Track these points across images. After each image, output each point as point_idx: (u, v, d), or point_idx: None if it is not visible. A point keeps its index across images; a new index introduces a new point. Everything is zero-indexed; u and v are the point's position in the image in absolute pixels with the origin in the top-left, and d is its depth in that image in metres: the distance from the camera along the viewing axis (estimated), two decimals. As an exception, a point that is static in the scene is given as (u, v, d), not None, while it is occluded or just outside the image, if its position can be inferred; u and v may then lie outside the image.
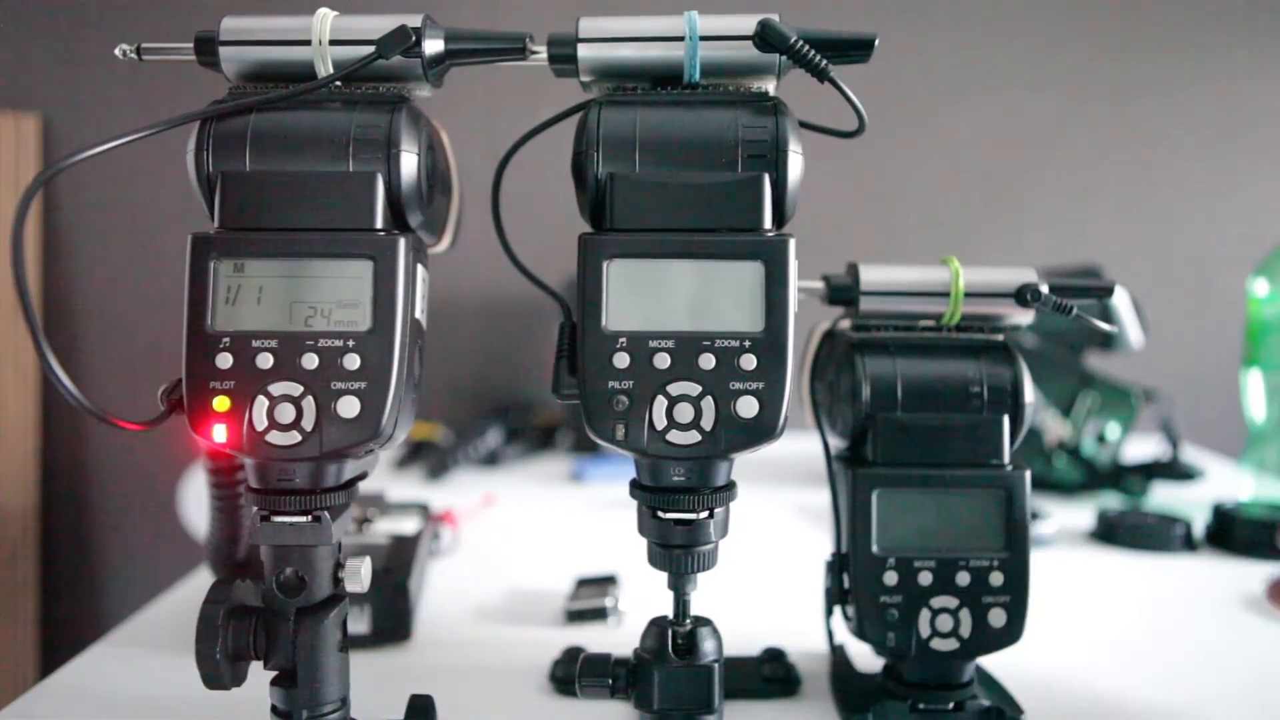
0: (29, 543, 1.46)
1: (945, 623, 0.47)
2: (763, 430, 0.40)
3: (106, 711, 0.51)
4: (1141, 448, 1.11)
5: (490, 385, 1.48)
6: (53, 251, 1.47)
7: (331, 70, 0.42)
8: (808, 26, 0.42)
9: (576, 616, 0.65)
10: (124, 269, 1.48)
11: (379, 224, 0.41)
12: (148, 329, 1.47)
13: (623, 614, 0.66)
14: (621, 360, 0.40)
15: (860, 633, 0.48)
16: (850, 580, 0.48)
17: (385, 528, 0.73)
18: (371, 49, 0.41)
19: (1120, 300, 0.96)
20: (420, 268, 0.43)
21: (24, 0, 1.45)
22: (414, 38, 0.41)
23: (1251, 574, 0.76)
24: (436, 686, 0.49)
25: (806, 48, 0.41)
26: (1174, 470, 1.00)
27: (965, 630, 0.47)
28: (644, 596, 0.68)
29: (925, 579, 0.47)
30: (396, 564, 0.64)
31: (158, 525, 1.48)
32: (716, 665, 0.44)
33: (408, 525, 0.75)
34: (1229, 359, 1.06)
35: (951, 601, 0.47)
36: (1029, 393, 0.49)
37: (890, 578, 0.47)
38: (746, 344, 0.40)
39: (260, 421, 0.38)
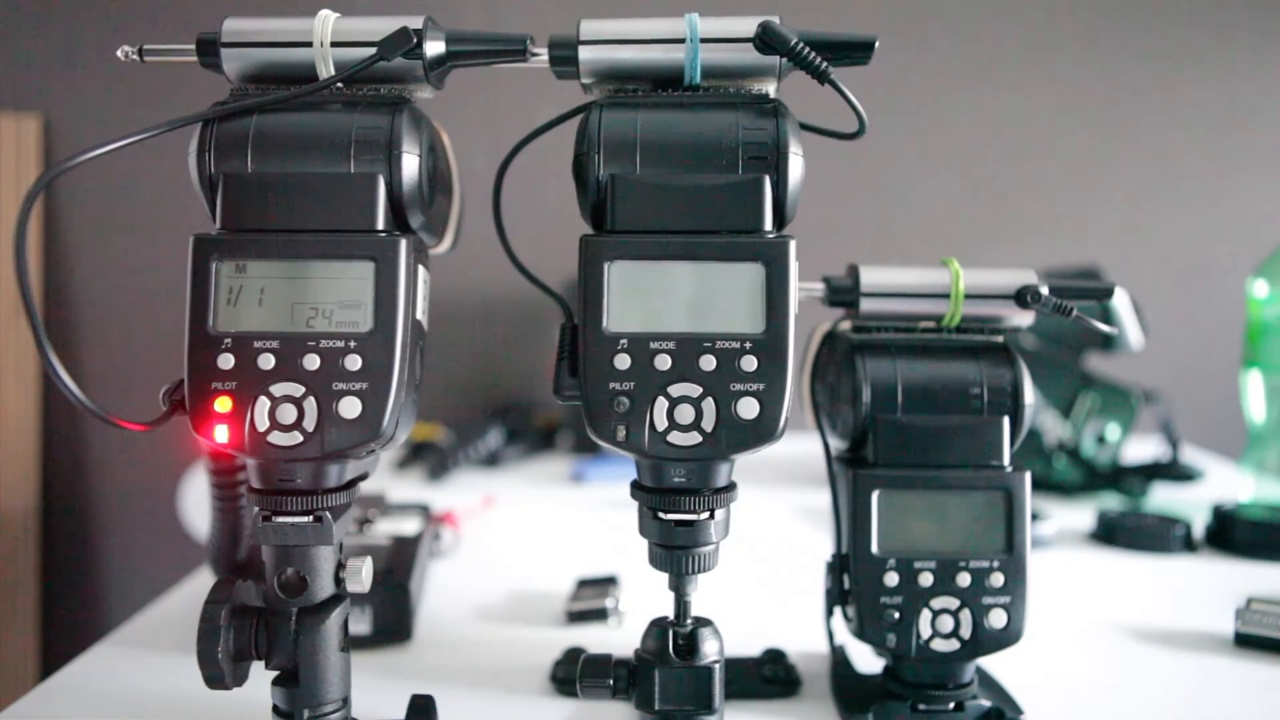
0: (29, 543, 1.46)
1: (945, 623, 0.47)
2: (763, 431, 0.40)
3: (107, 711, 0.51)
4: (1141, 448, 1.11)
5: (490, 385, 1.48)
6: (54, 252, 1.47)
7: (333, 72, 0.42)
8: (808, 28, 0.42)
9: (577, 617, 0.65)
10: (125, 269, 1.48)
11: (380, 225, 0.41)
12: (148, 329, 1.47)
13: (623, 614, 0.66)
14: (622, 361, 0.40)
15: (860, 633, 0.48)
16: (851, 581, 0.48)
17: (386, 528, 0.74)
18: (373, 51, 0.41)
19: (1120, 301, 0.96)
20: (421, 269, 0.43)
21: (24, 0, 1.45)
22: (415, 39, 0.41)
23: (1251, 574, 0.76)
24: (437, 686, 0.49)
25: (807, 50, 0.41)
26: (1174, 471, 1.00)
27: (965, 631, 0.47)
28: (645, 597, 0.68)
29: (925, 580, 0.47)
30: (397, 564, 0.64)
31: (158, 525, 1.48)
32: (717, 666, 0.44)
33: (409, 526, 0.75)
34: (1229, 359, 1.06)
35: (952, 602, 0.47)
36: (1029, 394, 0.49)
37: (891, 578, 0.47)
38: (747, 345, 0.40)
39: (262, 422, 0.39)
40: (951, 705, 0.48)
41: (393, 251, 0.40)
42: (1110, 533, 0.85)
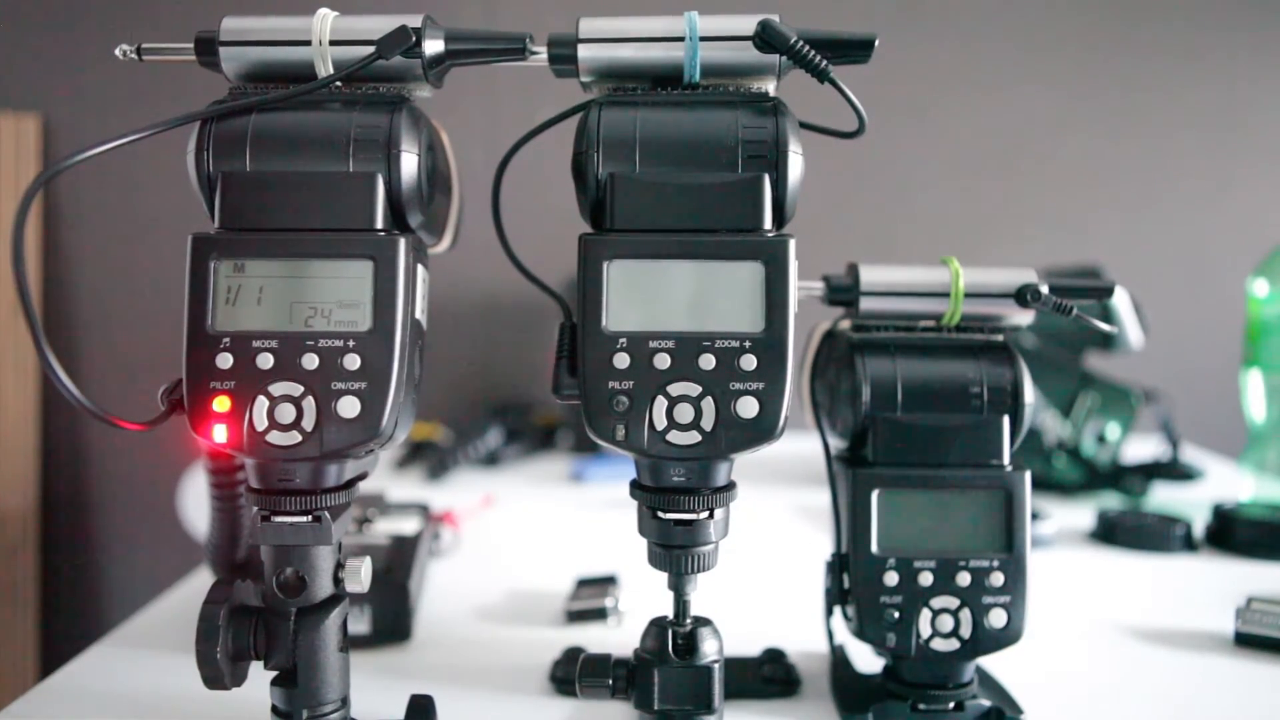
0: (29, 543, 1.46)
1: (945, 623, 0.47)
2: (763, 430, 0.40)
3: (106, 711, 0.51)
4: (1141, 448, 1.11)
5: (490, 385, 1.48)
6: (53, 251, 1.47)
7: (332, 70, 0.42)
8: (808, 27, 0.42)
9: (577, 617, 0.65)
10: (124, 269, 1.48)
11: (379, 224, 0.41)
12: (148, 329, 1.47)
13: (623, 614, 0.66)
14: (622, 361, 0.40)
15: (860, 633, 0.48)
16: (850, 580, 0.48)
17: (385, 528, 0.73)
18: (372, 49, 0.41)
19: (1120, 300, 0.96)
20: (420, 268, 0.43)
21: (24, 0, 1.45)
22: (414, 38, 0.41)
23: (1251, 574, 0.76)
24: (436, 686, 0.49)
25: (806, 48, 0.41)
26: (1174, 470, 1.00)
27: (965, 630, 0.47)
28: (644, 597, 0.68)
29: (925, 579, 0.47)
30: (397, 564, 0.64)
31: (158, 525, 1.48)
32: (716, 665, 0.44)
33: (408, 525, 0.75)
34: (1229, 359, 1.06)
35: (951, 602, 0.47)
36: (1029, 393, 0.49)
37: (890, 578, 0.47)
38: (747, 344, 0.40)
39: (260, 421, 0.38)
40: (951, 705, 0.48)
41: (391, 250, 0.40)
42: (1110, 532, 0.85)
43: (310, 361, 0.39)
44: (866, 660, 0.55)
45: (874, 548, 0.48)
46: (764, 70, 0.43)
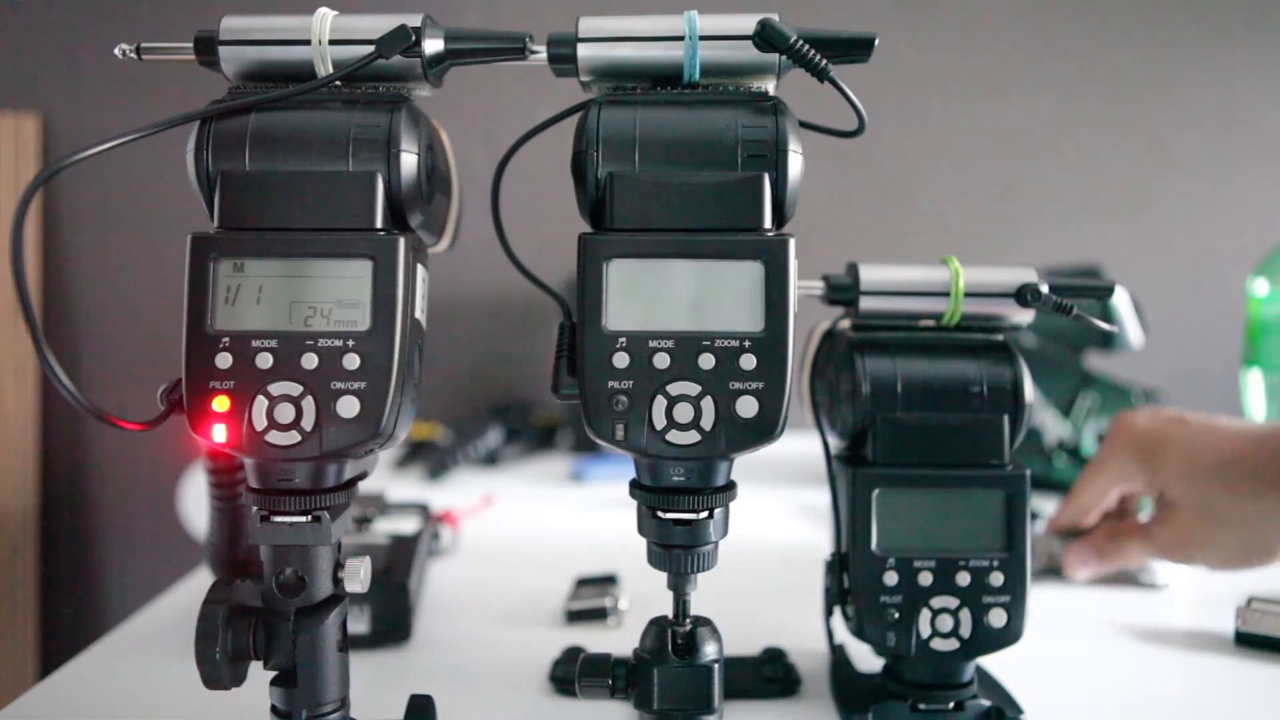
0: (29, 543, 1.46)
1: (945, 623, 0.47)
2: (763, 430, 0.40)
3: (106, 712, 0.51)
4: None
5: (490, 385, 1.48)
6: (52, 251, 1.47)
7: (331, 70, 0.42)
8: (808, 26, 0.42)
9: (576, 616, 0.65)
10: (124, 269, 1.48)
11: (379, 224, 0.41)
12: (148, 329, 1.47)
13: (623, 614, 0.66)
14: (621, 360, 0.40)
15: (860, 633, 0.48)
16: (850, 580, 0.48)
17: (385, 528, 0.73)
18: (371, 48, 0.41)
19: (1120, 300, 0.96)
20: (420, 267, 0.43)
21: (24, 0, 1.45)
22: (414, 37, 0.41)
23: (1252, 574, 0.76)
24: (436, 686, 0.49)
25: (806, 47, 0.41)
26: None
27: (965, 630, 0.47)
28: (644, 596, 0.68)
29: (925, 579, 0.47)
30: (396, 564, 0.64)
31: (158, 525, 1.48)
32: (716, 665, 0.44)
33: (407, 525, 0.75)
34: (1229, 359, 1.06)
35: (951, 601, 0.47)
36: (1029, 393, 0.49)
37: (890, 577, 0.47)
38: (746, 344, 0.40)
39: (260, 421, 0.38)
40: (951, 705, 0.48)
41: (391, 250, 0.40)
42: (1110, 532, 0.84)
43: (310, 361, 0.39)
44: (866, 660, 0.55)
45: (874, 547, 0.48)
46: (764, 69, 0.43)
